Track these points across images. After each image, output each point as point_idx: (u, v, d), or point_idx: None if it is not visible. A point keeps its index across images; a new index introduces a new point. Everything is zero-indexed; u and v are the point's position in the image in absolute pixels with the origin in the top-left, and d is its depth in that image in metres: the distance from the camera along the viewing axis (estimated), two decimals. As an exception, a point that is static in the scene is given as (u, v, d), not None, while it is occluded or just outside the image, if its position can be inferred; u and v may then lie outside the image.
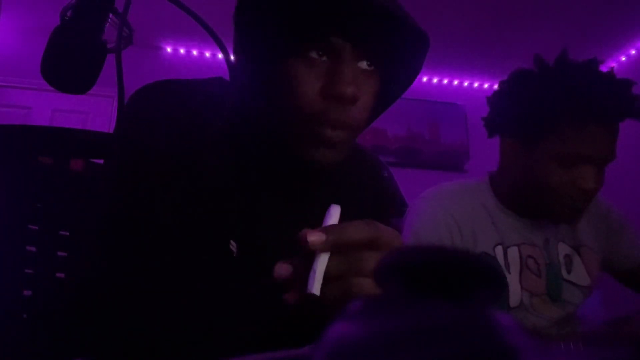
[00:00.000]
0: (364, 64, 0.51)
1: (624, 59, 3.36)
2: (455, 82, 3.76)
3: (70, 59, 0.73)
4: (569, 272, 0.98)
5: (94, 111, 3.13)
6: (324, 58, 0.50)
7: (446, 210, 0.96)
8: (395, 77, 0.57)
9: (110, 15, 0.76)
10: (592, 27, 2.97)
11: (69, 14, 0.73)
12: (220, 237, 0.51)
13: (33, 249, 0.71)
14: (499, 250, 0.95)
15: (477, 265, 0.19)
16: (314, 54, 0.49)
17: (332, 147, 0.51)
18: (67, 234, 0.74)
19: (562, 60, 0.90)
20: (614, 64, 3.38)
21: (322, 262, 0.35)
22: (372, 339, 0.17)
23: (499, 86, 1.01)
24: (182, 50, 3.36)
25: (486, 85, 3.79)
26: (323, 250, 0.36)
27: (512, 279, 0.93)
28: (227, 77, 0.80)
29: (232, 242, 0.51)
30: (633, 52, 3.30)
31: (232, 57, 0.58)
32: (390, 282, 0.20)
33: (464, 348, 0.16)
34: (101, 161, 0.75)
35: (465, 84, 3.78)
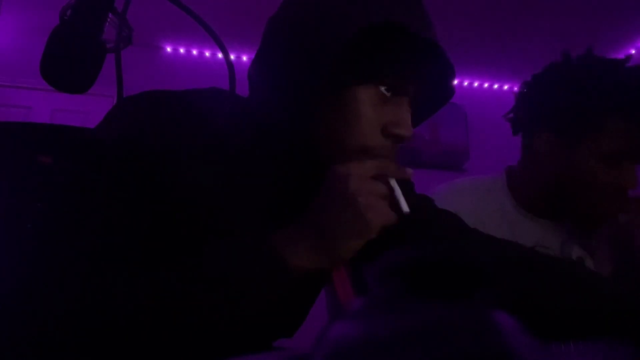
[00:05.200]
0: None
1: (623, 58, 3.37)
2: (455, 82, 3.75)
3: (70, 59, 0.73)
4: None
5: (94, 111, 3.13)
6: (389, 94, 0.53)
7: (455, 209, 0.93)
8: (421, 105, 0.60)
9: (110, 15, 0.76)
10: (592, 27, 2.97)
11: (68, 13, 0.74)
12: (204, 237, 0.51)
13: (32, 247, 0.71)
14: None
15: (476, 266, 0.19)
16: (383, 89, 0.52)
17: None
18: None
19: (601, 57, 0.88)
20: (613, 64, 3.37)
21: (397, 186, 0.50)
22: (372, 339, 0.17)
23: (534, 79, 0.96)
24: (181, 50, 3.36)
25: (486, 85, 3.79)
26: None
27: None
28: (225, 76, 0.80)
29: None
30: (633, 51, 3.30)
31: (232, 57, 0.58)
32: (390, 282, 0.20)
33: (464, 348, 0.16)
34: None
35: (465, 83, 3.78)
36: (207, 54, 3.37)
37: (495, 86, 3.78)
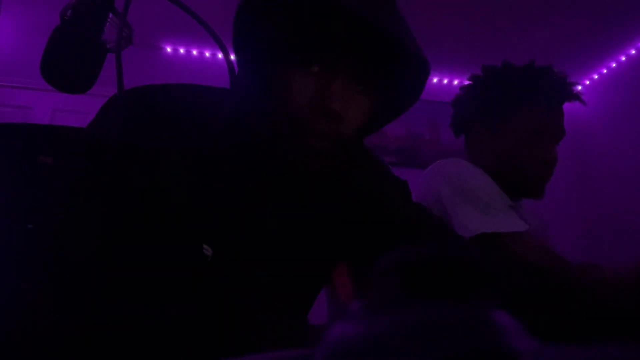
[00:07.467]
0: (359, 84, 0.53)
1: (623, 58, 3.36)
2: (455, 82, 3.75)
3: (70, 59, 0.73)
4: None
5: (94, 111, 3.12)
6: (322, 72, 0.52)
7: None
8: (392, 100, 0.58)
9: (110, 15, 0.76)
10: (591, 27, 2.97)
11: (68, 14, 0.73)
12: (194, 241, 0.51)
13: (33, 248, 0.71)
14: None
15: (476, 266, 0.19)
16: (314, 67, 0.51)
17: (316, 157, 0.53)
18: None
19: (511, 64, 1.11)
20: (613, 64, 3.37)
21: None
22: (372, 339, 0.17)
23: (462, 90, 1.25)
24: (182, 50, 3.36)
25: (486, 85, 3.79)
26: None
27: None
28: (225, 76, 0.80)
29: (205, 246, 0.51)
30: (633, 52, 3.29)
31: (232, 57, 0.59)
32: (390, 282, 0.20)
33: (464, 348, 0.16)
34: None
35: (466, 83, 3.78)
36: (207, 54, 3.37)
37: (495, 86, 3.76)
